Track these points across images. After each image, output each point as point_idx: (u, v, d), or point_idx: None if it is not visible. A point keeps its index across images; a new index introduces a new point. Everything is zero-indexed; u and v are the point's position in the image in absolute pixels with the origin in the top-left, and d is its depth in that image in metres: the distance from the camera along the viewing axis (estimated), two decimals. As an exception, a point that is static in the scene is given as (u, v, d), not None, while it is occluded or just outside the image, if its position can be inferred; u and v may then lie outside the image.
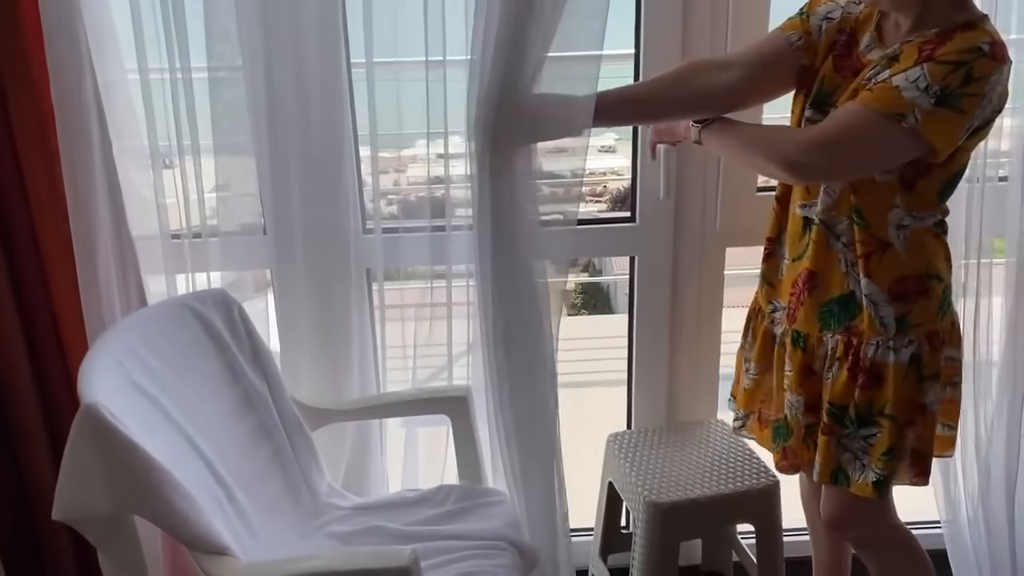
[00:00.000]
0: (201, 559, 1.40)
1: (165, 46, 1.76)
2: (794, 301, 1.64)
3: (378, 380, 2.09)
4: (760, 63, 1.61)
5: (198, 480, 1.51)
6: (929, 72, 1.36)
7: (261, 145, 1.83)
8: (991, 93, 1.38)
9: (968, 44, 1.36)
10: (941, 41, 1.38)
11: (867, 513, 1.65)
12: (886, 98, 1.39)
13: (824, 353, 1.62)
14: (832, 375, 1.60)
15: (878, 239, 1.52)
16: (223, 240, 1.90)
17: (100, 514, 1.41)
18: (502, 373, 1.64)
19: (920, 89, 1.36)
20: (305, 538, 1.73)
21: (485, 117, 1.49)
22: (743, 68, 1.60)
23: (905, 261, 1.52)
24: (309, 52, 1.77)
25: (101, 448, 1.35)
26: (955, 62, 1.36)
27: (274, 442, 1.77)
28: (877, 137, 1.41)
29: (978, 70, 1.35)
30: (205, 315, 1.72)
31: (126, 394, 1.46)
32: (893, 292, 1.53)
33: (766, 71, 1.61)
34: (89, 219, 1.73)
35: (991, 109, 1.41)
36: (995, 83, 1.38)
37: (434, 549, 1.64)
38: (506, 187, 1.58)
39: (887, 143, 1.41)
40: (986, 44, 1.36)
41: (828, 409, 1.60)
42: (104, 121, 1.72)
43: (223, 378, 1.73)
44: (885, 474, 1.58)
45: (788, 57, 1.59)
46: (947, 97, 1.36)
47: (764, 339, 1.74)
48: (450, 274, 1.96)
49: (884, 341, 1.55)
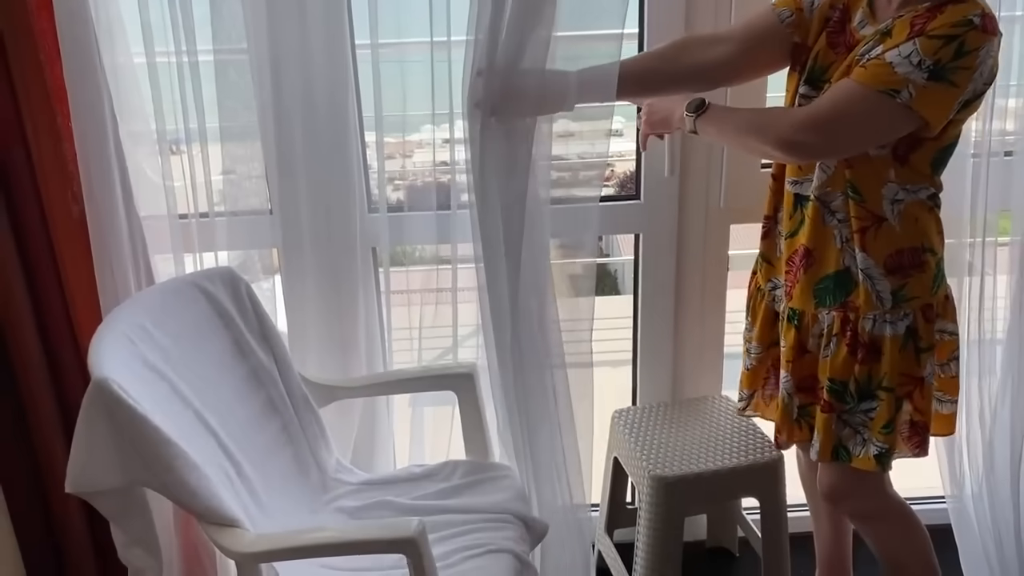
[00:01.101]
0: (212, 530, 1.43)
1: (171, 30, 1.77)
2: (791, 278, 1.65)
3: (384, 361, 2.11)
4: (751, 38, 1.62)
5: (207, 454, 1.53)
6: (921, 47, 1.37)
7: (267, 128, 1.85)
8: (982, 65, 1.38)
9: (959, 17, 1.37)
10: (932, 15, 1.39)
11: (864, 485, 1.66)
12: (880, 74, 1.39)
13: (819, 331, 1.63)
14: (830, 352, 1.61)
15: (873, 213, 1.53)
16: (230, 220, 1.92)
17: (112, 486, 1.43)
18: (513, 354, 1.65)
19: (913, 64, 1.37)
20: (313, 512, 1.75)
21: (480, 91, 1.51)
22: (734, 43, 1.61)
23: (900, 235, 1.53)
24: (314, 34, 1.78)
25: (112, 422, 1.38)
26: (946, 36, 1.36)
27: (282, 418, 1.79)
28: (872, 113, 1.42)
29: (969, 42, 1.36)
30: (213, 293, 1.74)
31: (136, 370, 1.48)
32: (888, 266, 1.54)
33: (757, 46, 1.62)
34: (103, 200, 1.75)
35: (982, 81, 1.42)
36: (986, 55, 1.38)
37: (441, 522, 1.67)
38: (511, 166, 1.59)
39: (882, 119, 1.42)
40: (976, 16, 1.36)
41: (829, 386, 1.61)
42: (113, 103, 1.74)
43: (231, 355, 1.75)
44: (887, 447, 1.59)
45: (779, 33, 1.60)
46: (940, 71, 1.36)
47: (765, 317, 1.75)
48: (455, 258, 1.97)
49: (880, 315, 1.56)
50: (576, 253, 1.93)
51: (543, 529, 1.75)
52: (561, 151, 1.94)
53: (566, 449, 1.75)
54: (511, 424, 1.73)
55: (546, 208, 1.67)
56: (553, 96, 1.56)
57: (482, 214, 1.60)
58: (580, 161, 1.88)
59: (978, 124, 1.91)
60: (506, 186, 1.60)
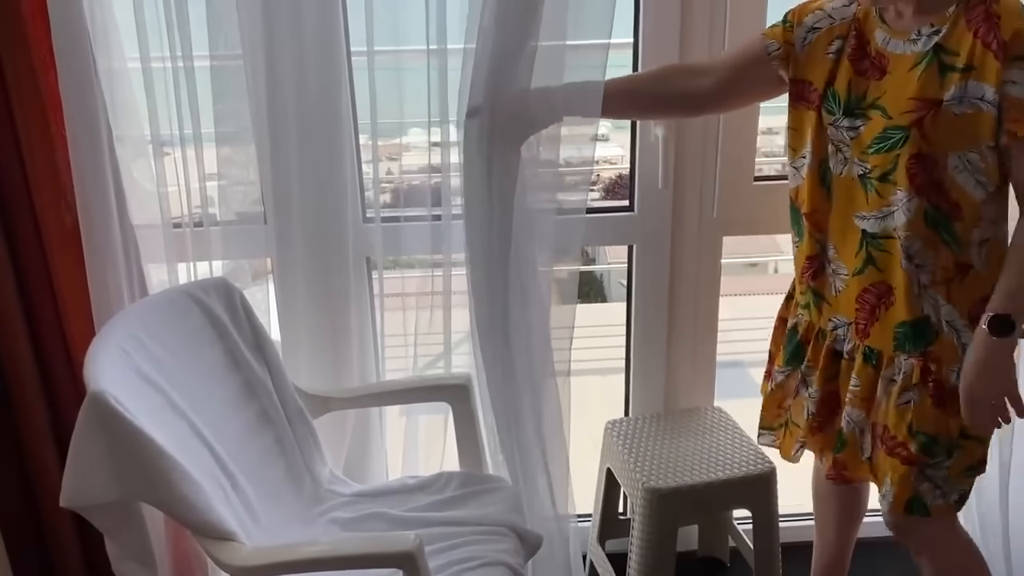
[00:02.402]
0: (207, 544, 1.42)
1: (166, 34, 1.76)
2: (864, 316, 1.56)
3: (378, 368, 2.10)
4: (736, 70, 1.64)
5: (202, 467, 1.52)
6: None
7: (261, 133, 1.84)
8: None
9: (1017, 8, 1.31)
10: (988, 19, 1.34)
11: (935, 522, 1.59)
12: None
13: (892, 375, 1.54)
14: (913, 402, 1.51)
15: (960, 263, 1.45)
16: (224, 229, 1.91)
17: (107, 501, 1.42)
18: (504, 362, 1.65)
19: None
20: (307, 524, 1.74)
21: (482, 111, 1.52)
22: (720, 74, 1.64)
23: (984, 280, 1.44)
24: (309, 41, 1.78)
25: (107, 435, 1.37)
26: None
27: (276, 429, 1.78)
28: None
29: None
30: (207, 303, 1.73)
31: (131, 382, 1.47)
32: (972, 315, 1.45)
33: (742, 79, 1.64)
34: (97, 209, 1.74)
35: None
36: None
37: (435, 535, 1.66)
38: (504, 177, 1.60)
39: None
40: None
41: (918, 440, 1.51)
42: (107, 109, 1.72)
43: (225, 366, 1.74)
44: (967, 489, 1.55)
45: (764, 66, 1.60)
46: None
47: (828, 358, 1.65)
48: (449, 262, 1.97)
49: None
50: (561, 260, 1.94)
51: (537, 541, 1.75)
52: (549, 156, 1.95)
53: (551, 459, 1.76)
54: (507, 434, 1.74)
55: (544, 215, 1.68)
56: (542, 114, 1.58)
57: (472, 223, 1.61)
58: (567, 168, 1.89)
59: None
60: (504, 195, 1.60)
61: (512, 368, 1.69)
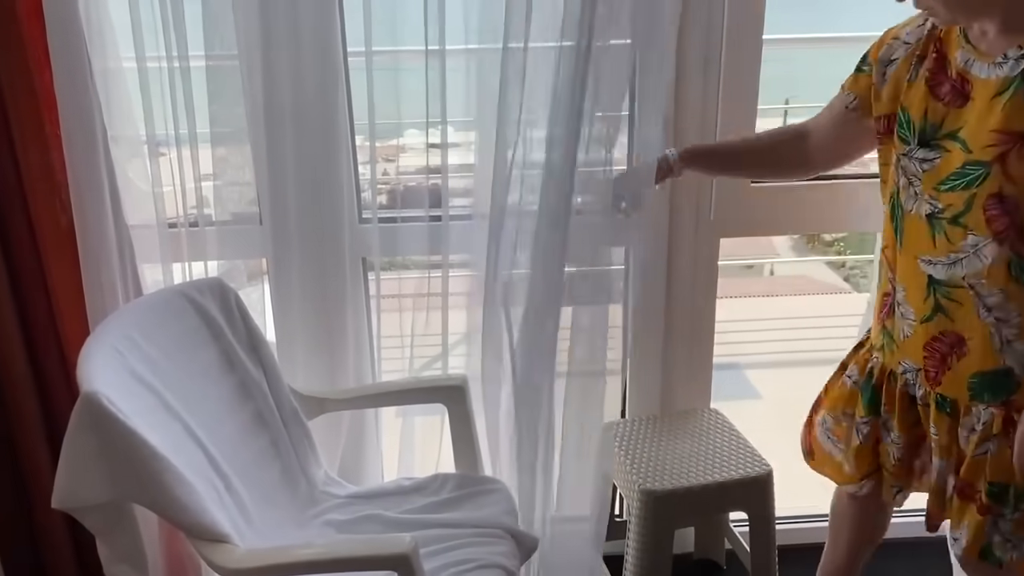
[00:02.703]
0: (200, 546, 1.41)
1: (163, 34, 1.75)
2: (934, 364, 1.48)
3: (374, 369, 2.09)
4: (829, 130, 1.63)
5: (196, 468, 1.51)
6: None
7: (257, 134, 1.84)
8: None
9: None
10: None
11: (1010, 573, 1.51)
12: None
13: (972, 424, 1.47)
14: (990, 452, 1.44)
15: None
16: (219, 229, 1.91)
17: (99, 502, 1.42)
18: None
19: None
20: (302, 526, 1.74)
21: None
22: (816, 137, 1.65)
23: None
24: (306, 40, 1.77)
25: (100, 436, 1.36)
26: None
27: (271, 431, 1.78)
28: None
29: None
30: (202, 304, 1.73)
31: (124, 383, 1.47)
32: None
33: (837, 138, 1.62)
34: (92, 209, 1.73)
35: None
36: None
37: (431, 537, 1.65)
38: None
39: None
40: None
41: (988, 489, 1.45)
42: (102, 109, 1.72)
43: (220, 367, 1.73)
44: None
45: (852, 121, 1.57)
46: None
47: (903, 403, 1.57)
48: (447, 264, 1.96)
49: None
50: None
51: (533, 544, 1.75)
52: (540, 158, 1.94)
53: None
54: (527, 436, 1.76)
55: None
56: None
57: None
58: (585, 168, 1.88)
59: None
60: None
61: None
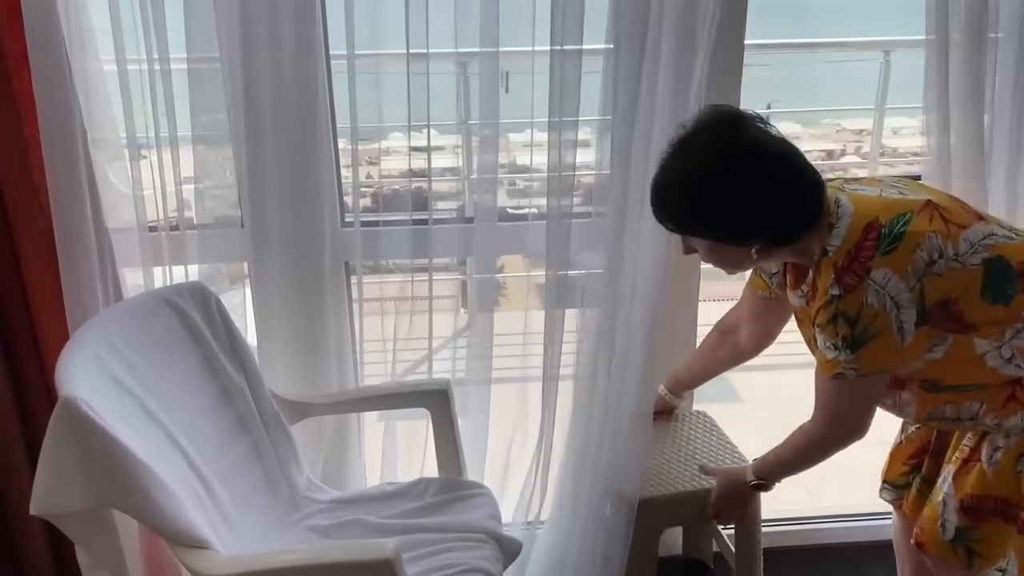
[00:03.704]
0: (181, 552, 1.40)
1: (143, 37, 1.74)
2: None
3: (356, 374, 2.08)
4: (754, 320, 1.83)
5: (177, 474, 1.50)
6: (826, 334, 1.45)
7: (239, 137, 1.83)
8: (886, 305, 1.39)
9: (824, 296, 1.43)
10: (812, 292, 1.48)
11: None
12: (823, 362, 1.48)
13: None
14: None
15: (1000, 398, 1.49)
16: (200, 233, 1.89)
17: (78, 509, 1.40)
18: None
19: (833, 348, 1.44)
20: (284, 532, 1.73)
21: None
22: (752, 321, 1.83)
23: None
24: (287, 44, 1.76)
25: (80, 443, 1.34)
26: (827, 321, 1.43)
27: (252, 436, 1.76)
28: (848, 396, 1.50)
29: (848, 311, 1.40)
30: (183, 308, 1.71)
31: (104, 388, 1.45)
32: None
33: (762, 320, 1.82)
34: (71, 211, 1.71)
35: (915, 288, 1.39)
36: (878, 300, 1.39)
37: (414, 542, 1.65)
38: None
39: (863, 395, 1.51)
40: (834, 287, 1.41)
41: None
42: (82, 112, 1.70)
43: (201, 372, 1.72)
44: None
45: (770, 302, 1.77)
46: (856, 342, 1.42)
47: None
48: (431, 267, 1.96)
49: None
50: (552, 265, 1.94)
51: (516, 548, 1.75)
52: (526, 161, 1.95)
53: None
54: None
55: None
56: None
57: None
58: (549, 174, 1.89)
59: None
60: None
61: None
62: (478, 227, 1.93)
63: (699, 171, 1.42)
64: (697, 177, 1.42)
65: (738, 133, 1.42)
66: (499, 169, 2.16)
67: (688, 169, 1.43)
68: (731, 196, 1.40)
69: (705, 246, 1.50)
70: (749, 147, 1.41)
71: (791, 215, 1.43)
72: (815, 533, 2.39)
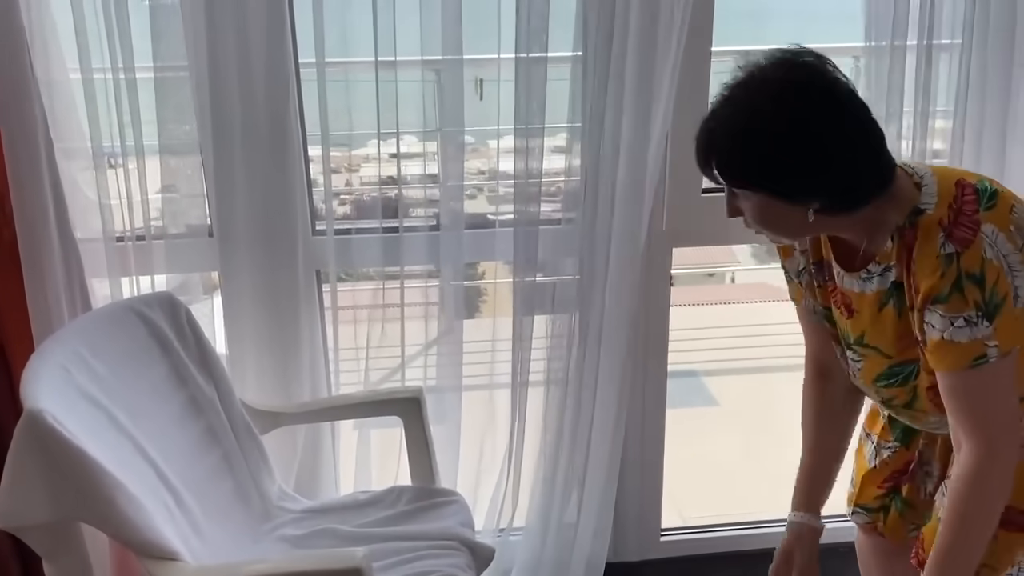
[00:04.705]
0: (151, 564, 1.39)
1: (107, 45, 1.73)
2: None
3: (329, 382, 2.08)
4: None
5: (146, 485, 1.49)
6: (950, 311, 1.19)
7: (206, 145, 1.82)
8: (999, 260, 1.18)
9: (932, 259, 1.20)
10: (905, 269, 1.24)
11: None
12: (953, 359, 1.22)
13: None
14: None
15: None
16: (168, 242, 1.88)
17: (44, 521, 1.39)
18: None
19: (965, 324, 1.19)
20: (256, 542, 1.72)
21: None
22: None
23: None
24: (256, 52, 1.76)
25: (46, 455, 1.33)
26: (951, 288, 1.18)
27: (223, 446, 1.75)
28: (992, 388, 1.23)
29: (967, 268, 1.17)
30: (152, 319, 1.70)
31: (71, 400, 1.44)
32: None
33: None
34: (35, 221, 1.70)
35: (1022, 246, 1.20)
36: (993, 253, 1.18)
37: (387, 550, 1.65)
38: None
39: (1001, 385, 1.23)
40: (945, 244, 1.18)
41: None
42: (47, 121, 1.69)
43: (170, 382, 1.71)
44: None
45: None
46: (990, 310, 1.18)
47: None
48: (403, 275, 1.96)
49: None
50: (521, 271, 1.94)
51: (489, 555, 1.75)
52: (507, 167, 1.96)
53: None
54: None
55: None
56: None
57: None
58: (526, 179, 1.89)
59: (908, 144, 1.97)
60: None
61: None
62: (448, 234, 1.93)
63: (762, 106, 1.20)
64: (759, 112, 1.20)
65: (810, 69, 1.21)
66: (479, 175, 2.18)
67: (750, 104, 1.21)
68: (797, 135, 1.18)
69: (756, 204, 1.25)
70: (822, 82, 1.20)
71: (865, 166, 1.21)
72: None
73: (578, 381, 2.00)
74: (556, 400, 2.03)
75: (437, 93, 1.97)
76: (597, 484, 2.06)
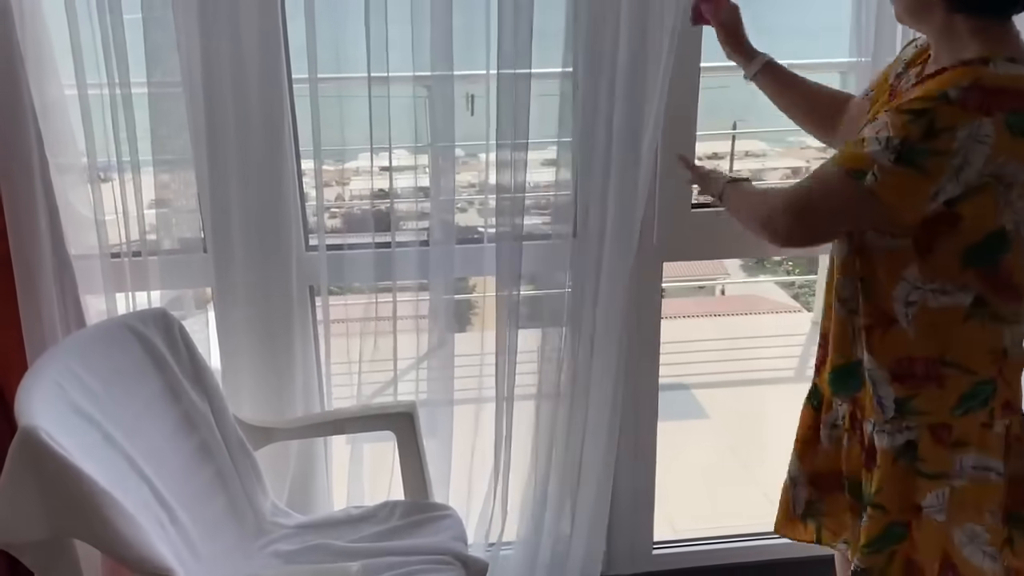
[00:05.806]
0: (144, 581, 1.39)
1: (103, 61, 1.74)
2: (820, 355, 1.54)
3: (322, 397, 2.08)
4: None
5: (140, 502, 1.49)
6: (891, 122, 1.20)
7: (201, 161, 1.83)
8: (964, 151, 1.18)
9: (937, 88, 1.20)
10: (923, 83, 1.25)
11: None
12: (851, 153, 1.26)
13: (832, 421, 1.52)
14: (845, 447, 1.50)
15: (882, 311, 1.36)
16: (163, 259, 1.89)
17: (38, 538, 1.38)
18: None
19: (880, 143, 1.21)
20: (249, 558, 1.72)
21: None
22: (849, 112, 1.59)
23: (912, 341, 1.34)
24: (250, 68, 1.77)
25: (40, 472, 1.33)
26: (917, 111, 1.19)
27: (216, 462, 1.76)
28: (838, 197, 1.27)
29: (940, 120, 1.18)
30: (145, 335, 1.70)
31: (66, 417, 1.44)
32: (895, 372, 1.36)
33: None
34: (30, 238, 1.70)
35: (975, 172, 1.20)
36: (967, 139, 1.18)
37: (380, 565, 1.65)
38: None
39: (847, 204, 1.27)
40: (955, 90, 1.18)
41: (847, 484, 1.49)
42: (41, 137, 1.69)
43: (164, 398, 1.71)
44: (863, 568, 1.43)
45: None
46: (908, 153, 1.19)
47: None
48: (395, 288, 1.97)
49: (880, 422, 1.40)
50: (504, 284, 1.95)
51: (483, 569, 1.75)
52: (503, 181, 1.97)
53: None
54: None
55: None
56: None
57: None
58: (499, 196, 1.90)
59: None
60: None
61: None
62: (439, 249, 1.94)
63: None
64: None
65: None
66: (470, 189, 2.18)
67: None
68: None
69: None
70: None
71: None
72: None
73: (570, 394, 2.01)
74: (547, 413, 2.04)
75: (428, 108, 1.99)
76: (589, 497, 2.07)
